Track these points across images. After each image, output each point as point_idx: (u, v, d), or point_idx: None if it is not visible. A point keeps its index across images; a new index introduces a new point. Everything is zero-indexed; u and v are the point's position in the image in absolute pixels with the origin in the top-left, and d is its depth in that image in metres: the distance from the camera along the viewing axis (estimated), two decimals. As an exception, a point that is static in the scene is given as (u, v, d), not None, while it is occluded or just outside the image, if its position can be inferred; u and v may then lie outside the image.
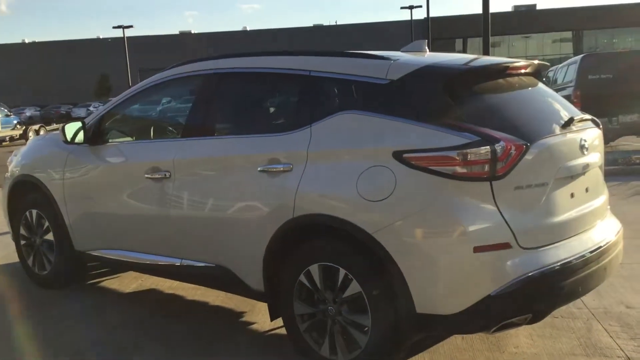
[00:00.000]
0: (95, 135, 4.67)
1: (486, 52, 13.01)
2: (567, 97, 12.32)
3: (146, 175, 4.20)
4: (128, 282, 5.39)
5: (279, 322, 3.82)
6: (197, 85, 4.21)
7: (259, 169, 3.62)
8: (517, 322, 3.18)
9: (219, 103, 4.20)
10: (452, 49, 67.13)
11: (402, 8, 49.78)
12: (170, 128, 4.96)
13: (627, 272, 5.05)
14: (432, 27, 42.30)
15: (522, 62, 3.67)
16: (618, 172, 10.09)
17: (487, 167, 3.00)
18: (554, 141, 3.28)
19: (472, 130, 3.05)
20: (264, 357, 3.84)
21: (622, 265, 5.17)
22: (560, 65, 14.36)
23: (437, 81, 3.27)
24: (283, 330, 3.80)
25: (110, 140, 4.71)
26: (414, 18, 50.59)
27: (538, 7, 70.81)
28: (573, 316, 4.22)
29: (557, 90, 13.37)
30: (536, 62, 3.84)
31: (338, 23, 77.15)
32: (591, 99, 11.69)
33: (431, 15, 42.45)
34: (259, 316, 4.39)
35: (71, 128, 4.65)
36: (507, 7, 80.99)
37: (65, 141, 4.67)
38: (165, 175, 4.09)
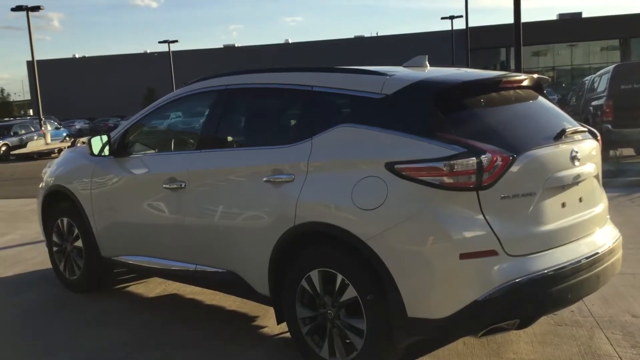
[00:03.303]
0: (120, 148, 4.98)
1: (518, 62, 12.98)
2: (600, 107, 12.19)
3: (164, 186, 4.46)
4: (153, 287, 5.66)
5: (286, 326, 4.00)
6: (210, 101, 4.46)
7: (264, 179, 3.83)
8: (505, 326, 3.29)
9: (228, 117, 4.44)
10: (495, 59, 66.45)
11: (442, 18, 49.71)
12: (187, 140, 5.22)
13: (639, 282, 5.06)
14: (473, 37, 42.04)
15: (517, 76, 3.78)
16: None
17: (473, 178, 3.14)
18: (542, 152, 3.39)
19: (459, 142, 3.19)
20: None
21: (635, 275, 5.21)
22: (595, 74, 14.18)
23: (427, 95, 3.42)
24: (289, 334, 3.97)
25: (132, 153, 5.00)
26: (454, 28, 50.43)
27: (584, 15, 69.42)
28: (577, 324, 4.27)
29: (590, 100, 13.32)
30: (535, 75, 3.96)
31: (379, 34, 77.28)
32: (624, 109, 11.52)
33: (473, 24, 42.30)
34: (271, 320, 4.57)
35: (97, 141, 4.96)
36: (552, 16, 79.68)
37: (92, 153, 4.99)
38: (181, 185, 4.34)
